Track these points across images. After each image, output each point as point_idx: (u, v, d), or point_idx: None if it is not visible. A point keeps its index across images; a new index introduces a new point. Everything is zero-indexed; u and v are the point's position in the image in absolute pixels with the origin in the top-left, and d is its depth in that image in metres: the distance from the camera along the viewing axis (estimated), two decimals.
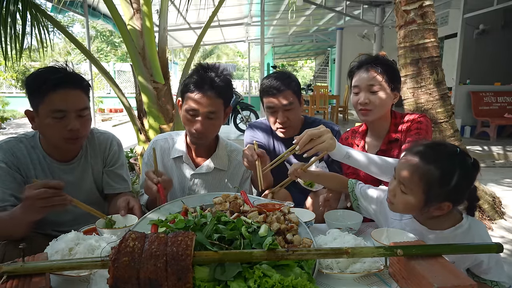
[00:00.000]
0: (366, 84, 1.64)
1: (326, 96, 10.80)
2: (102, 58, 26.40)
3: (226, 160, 1.73)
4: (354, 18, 10.48)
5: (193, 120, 1.57)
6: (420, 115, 1.67)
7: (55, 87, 1.37)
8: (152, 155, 1.58)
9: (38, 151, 1.50)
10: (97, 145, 1.63)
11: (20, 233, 1.30)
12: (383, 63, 1.66)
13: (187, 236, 0.87)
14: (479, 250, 0.95)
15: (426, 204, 1.11)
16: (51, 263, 0.88)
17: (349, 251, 0.89)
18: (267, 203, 1.32)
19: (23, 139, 1.51)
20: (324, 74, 21.57)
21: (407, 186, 1.12)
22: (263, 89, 1.90)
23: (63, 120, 1.38)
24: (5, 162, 1.42)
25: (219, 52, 32.61)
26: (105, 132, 1.70)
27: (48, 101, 1.37)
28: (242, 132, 8.56)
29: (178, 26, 10.30)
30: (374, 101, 1.63)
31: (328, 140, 1.38)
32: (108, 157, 1.65)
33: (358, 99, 1.67)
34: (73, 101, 1.40)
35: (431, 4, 2.81)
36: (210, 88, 1.54)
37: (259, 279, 0.86)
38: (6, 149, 1.45)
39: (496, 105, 7.79)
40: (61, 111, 1.37)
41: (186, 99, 1.59)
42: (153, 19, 3.22)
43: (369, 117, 1.67)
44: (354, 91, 1.70)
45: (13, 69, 12.23)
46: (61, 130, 1.39)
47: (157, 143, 1.75)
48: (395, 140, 1.69)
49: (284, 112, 1.86)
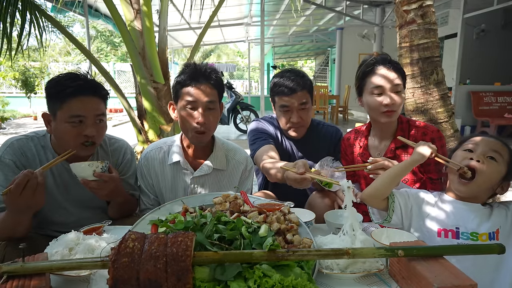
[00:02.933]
0: (392, 84, 1.60)
1: (326, 96, 10.81)
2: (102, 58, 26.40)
3: (224, 159, 1.72)
4: (354, 18, 10.48)
5: (194, 113, 1.55)
6: (436, 129, 1.66)
7: (75, 93, 1.41)
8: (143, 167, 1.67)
9: (48, 151, 1.53)
10: (110, 151, 1.66)
11: (21, 232, 1.32)
12: (394, 63, 1.64)
13: (187, 237, 0.86)
14: (480, 251, 0.94)
15: (506, 177, 1.22)
16: (51, 263, 0.88)
17: (349, 251, 0.88)
18: (267, 203, 1.31)
19: (34, 138, 1.54)
20: (324, 74, 21.56)
21: (501, 154, 1.21)
22: (277, 88, 1.87)
23: (80, 125, 1.42)
24: (14, 161, 1.45)
25: (219, 52, 32.62)
26: (120, 139, 1.74)
27: (66, 107, 1.41)
28: (242, 132, 8.55)
29: (178, 26, 10.30)
30: (398, 101, 1.61)
31: None
32: (121, 165, 1.68)
33: (382, 100, 1.60)
34: (91, 107, 1.44)
35: (431, 4, 2.81)
36: (206, 78, 1.56)
37: (259, 279, 0.86)
38: (17, 148, 1.48)
39: (496, 105, 7.79)
40: (79, 116, 1.41)
41: (182, 96, 1.57)
42: (153, 19, 3.22)
43: (393, 118, 1.64)
44: (376, 92, 1.62)
45: (13, 69, 12.24)
46: (77, 136, 1.42)
47: (149, 154, 1.70)
48: (402, 147, 1.67)
49: (298, 112, 1.86)
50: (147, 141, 3.20)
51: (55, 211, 1.55)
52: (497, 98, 7.80)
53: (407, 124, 1.70)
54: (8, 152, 1.46)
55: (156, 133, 3.15)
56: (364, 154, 1.77)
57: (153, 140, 3.14)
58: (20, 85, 12.90)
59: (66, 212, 1.57)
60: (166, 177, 1.68)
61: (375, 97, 1.62)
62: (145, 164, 1.69)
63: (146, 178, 1.69)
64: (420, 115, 2.93)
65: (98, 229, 1.29)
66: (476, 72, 8.68)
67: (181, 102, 1.58)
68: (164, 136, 3.14)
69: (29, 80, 12.81)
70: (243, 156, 1.78)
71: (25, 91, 12.95)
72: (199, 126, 1.55)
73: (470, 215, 1.24)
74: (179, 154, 1.67)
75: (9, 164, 1.44)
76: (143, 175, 1.70)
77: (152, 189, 1.70)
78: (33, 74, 13.11)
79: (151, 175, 1.69)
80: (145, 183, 1.70)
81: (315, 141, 2.00)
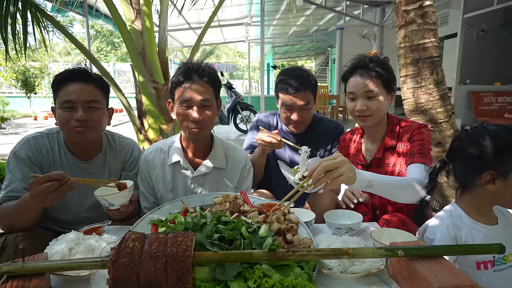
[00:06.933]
0: (362, 91, 1.61)
1: (326, 96, 10.82)
2: (102, 58, 26.41)
3: (224, 158, 1.72)
4: (354, 18, 10.48)
5: (189, 112, 1.56)
6: (420, 125, 1.64)
7: (66, 80, 1.49)
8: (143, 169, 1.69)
9: (61, 147, 1.59)
10: (118, 149, 1.71)
11: (28, 222, 1.35)
12: (377, 65, 1.61)
13: (187, 237, 0.86)
14: (480, 251, 0.94)
15: None
16: (51, 263, 0.88)
17: (349, 251, 0.88)
18: (267, 203, 1.31)
19: (49, 134, 1.60)
20: (324, 74, 21.54)
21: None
22: (281, 85, 1.89)
23: (72, 111, 1.47)
24: (29, 157, 1.51)
25: (219, 52, 32.62)
26: (128, 138, 1.79)
27: (61, 94, 1.49)
28: (242, 132, 8.55)
29: (178, 26, 10.30)
30: (372, 107, 1.60)
31: (347, 172, 1.13)
32: (128, 161, 1.73)
33: (355, 105, 1.63)
34: (81, 92, 1.49)
35: (431, 4, 2.80)
36: (200, 76, 1.57)
37: (259, 279, 0.86)
38: (33, 145, 1.54)
39: (496, 105, 7.79)
40: (69, 101, 1.47)
41: (176, 95, 1.59)
42: (153, 19, 3.22)
43: (367, 122, 1.65)
44: (350, 97, 1.66)
45: (13, 69, 12.24)
46: (69, 120, 1.47)
47: (149, 156, 1.70)
48: (391, 148, 1.67)
49: (299, 111, 1.89)
50: (147, 141, 3.20)
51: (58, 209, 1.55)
52: (497, 98, 7.80)
53: (398, 125, 1.70)
54: (24, 147, 1.52)
55: (156, 133, 3.15)
56: (357, 155, 1.78)
57: (153, 140, 3.15)
58: (20, 85, 12.90)
59: (68, 210, 1.57)
60: (166, 177, 1.68)
61: (349, 102, 1.67)
62: (145, 166, 1.69)
63: (146, 180, 1.69)
64: (420, 115, 2.93)
65: (98, 229, 1.29)
66: (476, 72, 8.68)
67: (177, 101, 1.59)
68: (164, 136, 3.14)
69: (29, 80, 12.81)
70: (243, 155, 1.78)
71: (25, 91, 12.96)
72: (194, 125, 1.57)
73: (494, 239, 1.19)
74: (178, 154, 1.67)
75: (24, 159, 1.49)
76: (143, 177, 1.70)
77: (152, 191, 1.70)
78: (33, 74, 13.11)
79: (151, 176, 1.69)
80: (144, 185, 1.70)
81: (315, 136, 2.03)
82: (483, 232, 1.19)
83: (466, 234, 1.18)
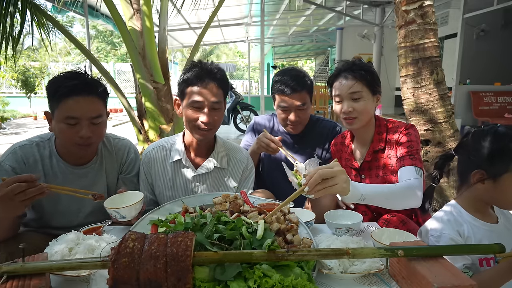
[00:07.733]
0: (347, 92, 1.63)
1: (326, 96, 10.81)
2: (102, 58, 26.40)
3: (225, 158, 1.73)
4: (354, 18, 10.47)
5: (199, 113, 1.56)
6: (407, 125, 1.65)
7: (69, 93, 1.38)
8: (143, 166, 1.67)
9: (52, 155, 1.52)
10: (114, 151, 1.65)
11: (7, 232, 1.30)
12: (360, 69, 1.64)
13: (187, 237, 0.86)
14: (480, 251, 0.94)
15: None
16: (51, 263, 0.88)
17: (349, 251, 0.88)
18: (267, 203, 1.31)
19: (39, 142, 1.52)
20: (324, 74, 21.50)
21: None
22: (277, 86, 1.90)
23: (75, 126, 1.40)
24: (13, 168, 1.44)
25: (219, 52, 32.62)
26: (123, 138, 1.73)
27: (62, 107, 1.39)
28: (242, 132, 8.55)
29: (178, 26, 10.29)
30: (357, 108, 1.62)
31: (341, 183, 1.13)
32: (125, 164, 1.68)
33: (341, 108, 1.65)
34: (86, 108, 1.41)
35: (431, 4, 2.81)
36: (213, 79, 1.56)
37: (259, 279, 0.86)
38: (19, 156, 1.47)
39: (496, 105, 7.79)
40: (74, 118, 1.39)
41: (187, 94, 1.58)
42: (153, 19, 3.22)
43: (354, 125, 1.66)
44: (336, 100, 1.68)
45: (13, 69, 12.24)
46: (73, 136, 1.41)
47: (151, 154, 1.70)
48: (380, 150, 1.68)
49: (296, 112, 1.91)
50: (147, 141, 3.20)
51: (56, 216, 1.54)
52: (497, 98, 7.80)
53: (385, 128, 1.70)
54: (9, 158, 1.45)
55: (156, 132, 3.15)
56: (350, 160, 1.78)
57: (153, 140, 3.15)
58: (20, 85, 12.90)
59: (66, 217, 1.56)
60: (167, 175, 1.69)
61: (336, 105, 1.69)
62: (146, 164, 1.69)
63: (145, 177, 1.70)
64: (420, 115, 2.93)
65: (98, 229, 1.29)
66: (476, 72, 8.68)
67: (187, 101, 1.58)
68: (164, 135, 3.14)
69: (29, 80, 12.81)
70: (244, 155, 1.78)
71: (25, 91, 12.95)
72: (204, 126, 1.56)
73: (494, 237, 1.22)
74: (181, 152, 1.68)
75: (8, 170, 1.42)
76: (142, 175, 1.70)
77: (150, 189, 1.71)
78: (33, 74, 13.11)
79: (151, 174, 1.69)
80: (144, 182, 1.70)
81: (312, 136, 2.06)
82: (483, 229, 1.22)
83: (467, 229, 1.22)
